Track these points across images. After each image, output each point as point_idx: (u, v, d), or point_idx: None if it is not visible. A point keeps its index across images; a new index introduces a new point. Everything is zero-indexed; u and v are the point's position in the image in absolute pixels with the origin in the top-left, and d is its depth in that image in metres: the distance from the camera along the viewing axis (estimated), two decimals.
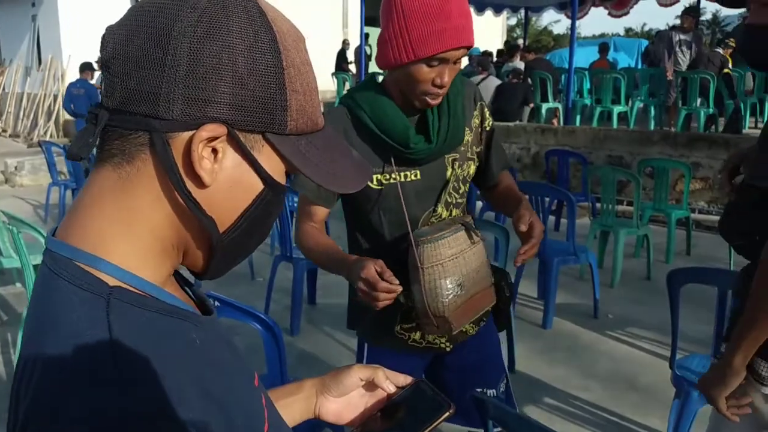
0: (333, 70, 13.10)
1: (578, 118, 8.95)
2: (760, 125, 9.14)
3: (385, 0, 1.32)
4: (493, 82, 8.38)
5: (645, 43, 14.23)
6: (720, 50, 7.62)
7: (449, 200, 1.49)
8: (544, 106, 8.88)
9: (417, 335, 1.53)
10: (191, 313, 0.59)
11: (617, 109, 8.68)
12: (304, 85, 0.59)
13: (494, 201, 1.68)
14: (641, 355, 3.47)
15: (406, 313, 1.49)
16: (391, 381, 0.79)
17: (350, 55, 13.39)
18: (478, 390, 1.61)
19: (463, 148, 1.50)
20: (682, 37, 8.18)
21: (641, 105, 9.29)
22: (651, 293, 4.29)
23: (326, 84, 14.16)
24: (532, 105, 8.55)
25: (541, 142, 7.43)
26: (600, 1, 11.60)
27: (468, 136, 1.51)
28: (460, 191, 1.52)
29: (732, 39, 7.97)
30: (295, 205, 4.83)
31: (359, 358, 1.62)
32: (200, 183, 0.55)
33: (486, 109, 1.59)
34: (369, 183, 1.34)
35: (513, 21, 25.25)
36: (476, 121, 1.54)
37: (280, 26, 0.58)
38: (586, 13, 11.89)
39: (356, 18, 11.40)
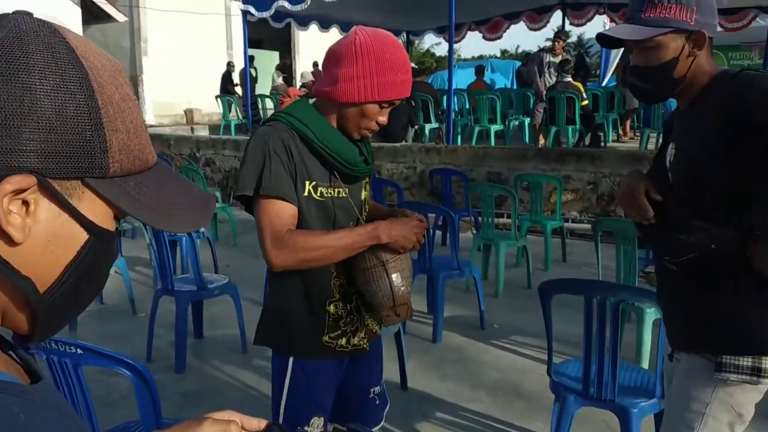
0: (218, 92, 12.80)
1: (459, 137, 9.32)
2: (623, 138, 10.01)
3: (351, 42, 1.49)
4: None
5: (519, 64, 15.14)
6: (569, 78, 8.20)
7: (362, 218, 1.69)
8: (427, 127, 9.18)
9: (343, 341, 1.65)
10: (12, 384, 0.53)
11: (494, 128, 9.13)
12: (126, 123, 0.55)
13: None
14: (525, 361, 3.64)
15: (334, 321, 1.63)
16: (245, 429, 0.75)
17: (235, 77, 13.15)
18: (372, 390, 1.81)
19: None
20: (552, 59, 8.80)
21: (516, 123, 9.85)
22: (532, 301, 4.47)
23: (212, 107, 13.80)
24: (417, 126, 8.81)
25: (426, 161, 7.67)
26: (475, 26, 12.23)
27: None
28: (366, 211, 1.74)
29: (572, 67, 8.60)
30: (177, 234, 4.64)
31: (282, 373, 1.64)
32: (10, 240, 0.50)
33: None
34: (313, 194, 1.55)
35: None
36: None
37: (93, 61, 0.54)
38: (464, 37, 12.50)
39: (240, 40, 11.22)
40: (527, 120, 9.55)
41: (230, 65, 13.42)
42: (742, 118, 1.30)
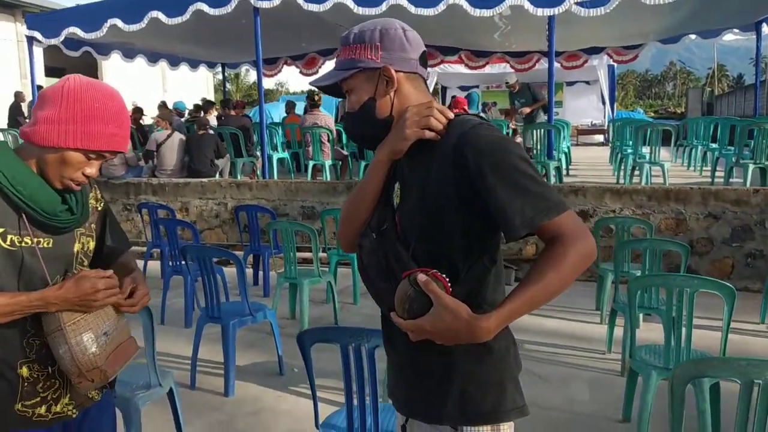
0: (5, 125, 11.41)
1: (275, 171, 9.14)
2: None
3: (60, 86, 1.44)
4: (177, 137, 8.17)
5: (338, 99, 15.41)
6: None
7: (76, 272, 1.54)
8: (240, 161, 8.90)
9: (42, 409, 1.52)
10: None
11: (312, 162, 9.04)
12: None
13: None
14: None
15: (30, 386, 1.50)
16: None
17: (25, 109, 11.82)
18: None
19: (88, 224, 1.63)
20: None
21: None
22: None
23: None
24: (226, 157, 8.49)
25: (238, 197, 7.40)
26: (291, 60, 12.25)
27: (90, 215, 1.65)
28: (84, 264, 1.61)
29: None
30: None
31: None
32: None
33: (99, 191, 1.72)
34: (1, 243, 1.44)
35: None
36: (92, 202, 1.67)
37: None
38: (280, 71, 12.45)
39: (36, 68, 10.03)
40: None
41: (18, 96, 12.05)
42: (466, 165, 1.27)
